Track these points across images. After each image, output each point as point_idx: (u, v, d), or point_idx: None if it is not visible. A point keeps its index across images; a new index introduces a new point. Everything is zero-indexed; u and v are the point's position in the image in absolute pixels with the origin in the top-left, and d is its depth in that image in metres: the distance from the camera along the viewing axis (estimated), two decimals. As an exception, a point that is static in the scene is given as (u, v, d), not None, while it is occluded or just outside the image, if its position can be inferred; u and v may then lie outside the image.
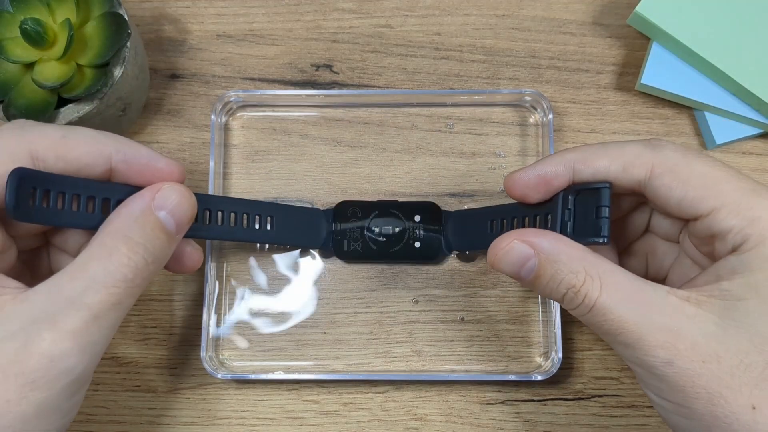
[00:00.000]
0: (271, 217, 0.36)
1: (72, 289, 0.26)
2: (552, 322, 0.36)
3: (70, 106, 0.35)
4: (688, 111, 0.40)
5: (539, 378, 0.36)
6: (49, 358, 0.25)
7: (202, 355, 0.36)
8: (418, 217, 0.37)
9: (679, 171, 0.27)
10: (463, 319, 0.37)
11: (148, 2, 0.42)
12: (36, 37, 0.33)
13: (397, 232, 0.37)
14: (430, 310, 0.37)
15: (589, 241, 0.28)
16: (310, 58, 0.41)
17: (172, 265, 0.31)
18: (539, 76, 0.40)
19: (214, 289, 0.37)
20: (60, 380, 0.25)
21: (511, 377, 0.36)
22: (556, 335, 0.36)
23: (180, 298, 0.38)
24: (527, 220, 0.32)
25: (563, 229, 0.29)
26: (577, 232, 0.29)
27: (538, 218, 0.31)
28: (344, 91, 0.40)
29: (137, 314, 0.38)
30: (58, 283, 0.26)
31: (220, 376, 0.36)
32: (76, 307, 0.25)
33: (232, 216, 0.34)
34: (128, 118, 0.38)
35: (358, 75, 0.41)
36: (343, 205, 0.38)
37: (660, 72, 0.38)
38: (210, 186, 0.37)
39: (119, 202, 0.29)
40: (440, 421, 0.36)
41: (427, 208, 0.37)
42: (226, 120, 0.40)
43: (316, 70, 0.41)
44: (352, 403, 0.37)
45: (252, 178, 0.39)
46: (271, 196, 0.39)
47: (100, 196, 0.29)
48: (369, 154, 0.39)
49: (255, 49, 0.41)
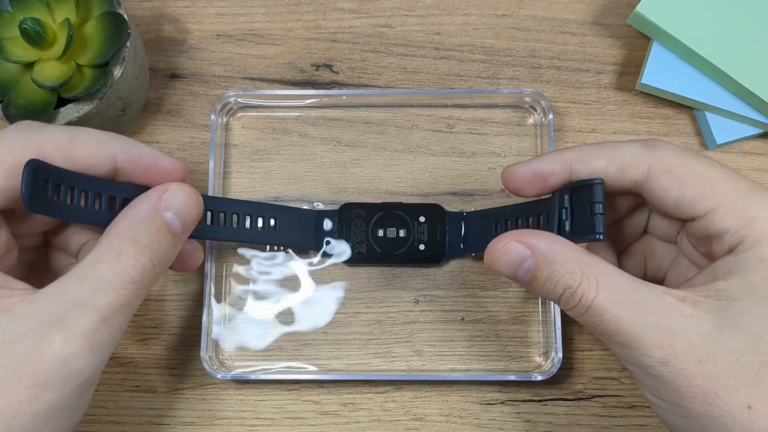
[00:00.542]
0: (274, 219, 0.36)
1: (81, 291, 0.26)
2: (552, 323, 0.36)
3: (69, 105, 0.35)
4: (689, 111, 0.40)
5: (539, 378, 0.35)
6: (60, 360, 0.25)
7: (202, 355, 0.36)
8: (422, 218, 0.37)
9: (675, 172, 0.27)
10: (463, 319, 0.37)
11: (148, 2, 0.42)
12: (35, 36, 0.33)
13: (402, 234, 0.37)
14: (431, 311, 0.37)
15: (586, 239, 0.28)
16: (310, 57, 0.41)
17: (173, 264, 0.31)
18: (539, 76, 0.40)
19: (214, 289, 0.37)
20: (70, 381, 0.25)
21: (511, 377, 0.36)
22: (556, 335, 0.36)
23: (180, 298, 0.38)
24: (531, 220, 0.32)
25: (561, 228, 0.29)
26: (574, 231, 0.29)
27: (541, 218, 0.31)
28: (344, 91, 0.40)
29: (137, 314, 0.38)
30: (67, 285, 0.26)
31: (220, 376, 0.36)
32: (85, 309, 0.25)
33: (234, 217, 0.35)
34: (128, 118, 0.38)
35: (358, 75, 0.41)
36: (347, 206, 0.38)
37: (660, 72, 0.38)
38: (210, 186, 0.37)
39: (125, 200, 0.29)
40: (440, 421, 0.36)
41: (432, 209, 0.37)
42: (226, 120, 0.40)
43: (316, 70, 0.41)
44: (352, 403, 0.37)
45: (252, 178, 0.39)
46: (271, 196, 0.39)
47: (107, 194, 0.29)
48: (369, 154, 0.39)
49: (255, 48, 0.41)
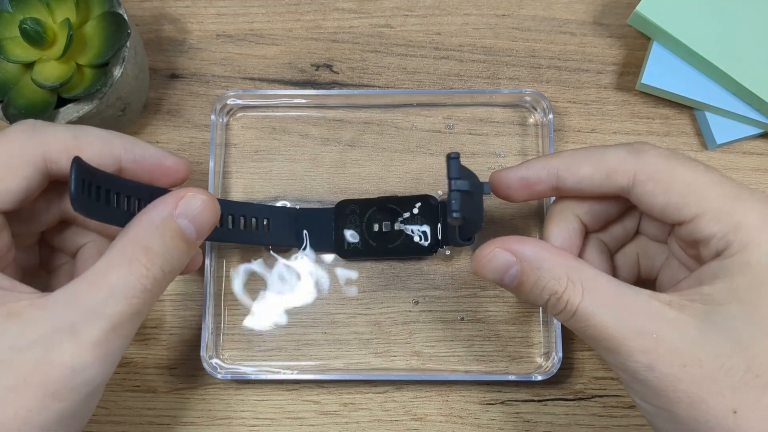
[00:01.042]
0: (267, 219, 0.36)
1: (92, 299, 0.25)
2: (552, 323, 0.36)
3: (69, 105, 0.35)
4: (689, 111, 0.40)
5: (539, 378, 0.35)
6: (71, 369, 0.24)
7: (202, 355, 0.36)
8: (415, 211, 0.37)
9: (661, 178, 0.27)
10: (463, 320, 0.37)
11: (148, 2, 0.42)
12: (35, 36, 0.33)
13: (396, 227, 0.37)
14: (430, 311, 0.37)
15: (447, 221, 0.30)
16: (310, 57, 0.41)
17: None
18: (539, 76, 0.40)
19: (214, 289, 0.37)
20: (80, 391, 0.25)
21: (511, 377, 0.36)
22: (556, 335, 0.36)
23: (180, 298, 0.38)
24: None
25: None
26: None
27: None
28: (344, 91, 0.40)
29: (137, 314, 0.38)
30: (77, 291, 0.25)
31: (220, 376, 0.36)
32: (97, 318, 0.25)
33: (229, 218, 0.35)
34: (128, 118, 0.38)
35: (358, 75, 0.41)
36: (343, 204, 0.38)
37: (660, 72, 0.38)
38: (210, 186, 0.37)
39: (140, 201, 0.28)
40: (440, 422, 0.36)
41: (424, 201, 0.37)
42: (226, 120, 0.40)
43: (316, 70, 0.41)
44: (352, 403, 0.37)
45: (252, 178, 0.39)
46: (271, 196, 0.39)
47: (137, 197, 0.29)
48: (369, 154, 0.39)
49: (255, 48, 0.41)
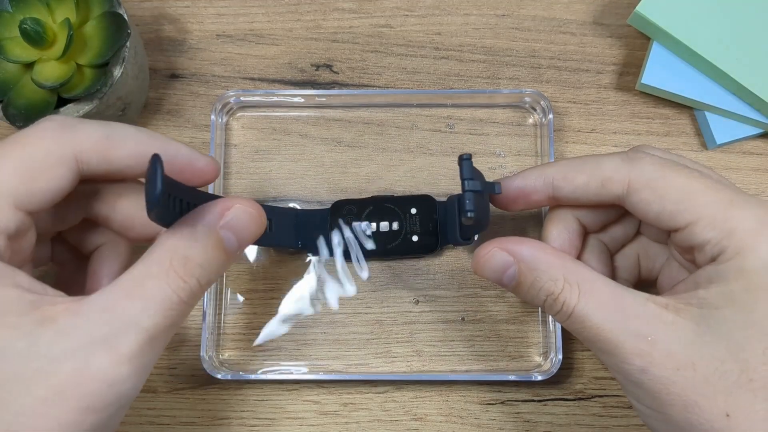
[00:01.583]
0: (270, 221, 0.36)
1: (129, 309, 0.24)
2: (552, 322, 0.36)
3: (69, 105, 0.35)
4: (689, 111, 0.40)
5: (539, 378, 0.35)
6: (108, 383, 0.24)
7: (202, 355, 0.36)
8: (414, 210, 0.37)
9: (655, 186, 0.27)
10: (463, 319, 0.37)
11: (148, 2, 0.42)
12: (35, 36, 0.33)
13: (394, 227, 0.37)
14: (431, 311, 0.37)
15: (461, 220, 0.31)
16: (310, 57, 0.41)
17: None
18: (539, 76, 0.40)
19: (214, 289, 0.37)
20: (115, 404, 0.25)
21: (511, 377, 0.36)
22: (556, 335, 0.36)
23: (180, 298, 0.38)
24: None
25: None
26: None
27: None
28: (344, 91, 0.40)
29: (137, 314, 0.38)
30: (114, 300, 0.25)
31: (220, 376, 0.36)
32: (133, 330, 0.24)
33: None
34: (128, 118, 0.38)
35: (358, 75, 0.41)
36: (339, 204, 0.38)
37: (660, 72, 0.38)
38: (210, 186, 0.37)
39: (187, 204, 0.26)
40: (440, 422, 0.36)
41: (422, 200, 0.37)
42: (226, 120, 0.40)
43: (316, 70, 0.41)
44: (352, 403, 0.37)
45: (252, 178, 0.39)
46: (271, 196, 0.39)
47: (195, 204, 0.26)
48: (369, 154, 0.39)
49: (255, 48, 0.41)
